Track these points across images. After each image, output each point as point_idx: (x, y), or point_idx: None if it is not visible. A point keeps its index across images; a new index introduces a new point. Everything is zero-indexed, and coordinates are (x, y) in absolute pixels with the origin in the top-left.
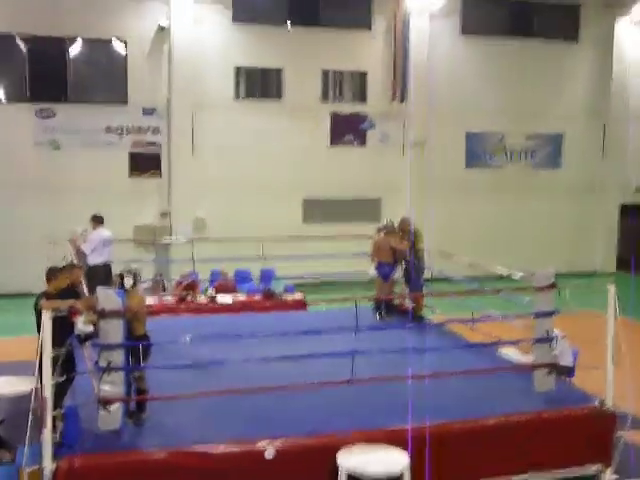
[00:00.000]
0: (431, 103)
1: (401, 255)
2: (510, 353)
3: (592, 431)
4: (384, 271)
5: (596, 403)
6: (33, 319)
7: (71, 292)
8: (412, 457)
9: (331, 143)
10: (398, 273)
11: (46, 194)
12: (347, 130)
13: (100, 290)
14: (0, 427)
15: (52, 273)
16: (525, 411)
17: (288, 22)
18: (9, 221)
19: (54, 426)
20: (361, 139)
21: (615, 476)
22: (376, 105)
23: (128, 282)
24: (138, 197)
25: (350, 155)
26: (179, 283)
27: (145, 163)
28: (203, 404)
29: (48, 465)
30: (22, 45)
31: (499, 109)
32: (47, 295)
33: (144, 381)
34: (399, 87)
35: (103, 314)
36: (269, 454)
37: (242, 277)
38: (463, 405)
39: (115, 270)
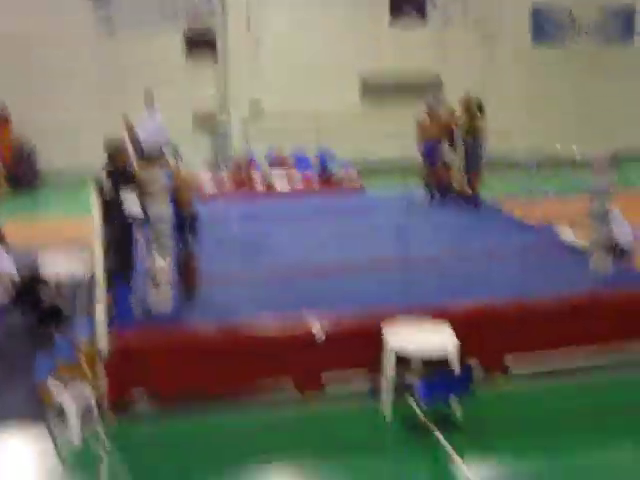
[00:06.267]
0: None
1: (455, 133)
2: (567, 234)
3: None
4: (428, 149)
5: None
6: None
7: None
8: (462, 335)
9: (390, 18)
10: (451, 154)
11: (102, 78)
12: (408, 5)
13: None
14: (59, 299)
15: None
16: (579, 292)
17: None
18: (67, 102)
19: (109, 301)
20: (422, 14)
21: None
22: None
23: (173, 161)
24: (195, 81)
25: (410, 32)
26: (236, 164)
27: (201, 46)
28: (255, 283)
29: (102, 337)
30: None
31: None
32: (111, 173)
33: (194, 258)
34: None
35: (152, 193)
36: (319, 337)
37: (299, 161)
38: (516, 284)
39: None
